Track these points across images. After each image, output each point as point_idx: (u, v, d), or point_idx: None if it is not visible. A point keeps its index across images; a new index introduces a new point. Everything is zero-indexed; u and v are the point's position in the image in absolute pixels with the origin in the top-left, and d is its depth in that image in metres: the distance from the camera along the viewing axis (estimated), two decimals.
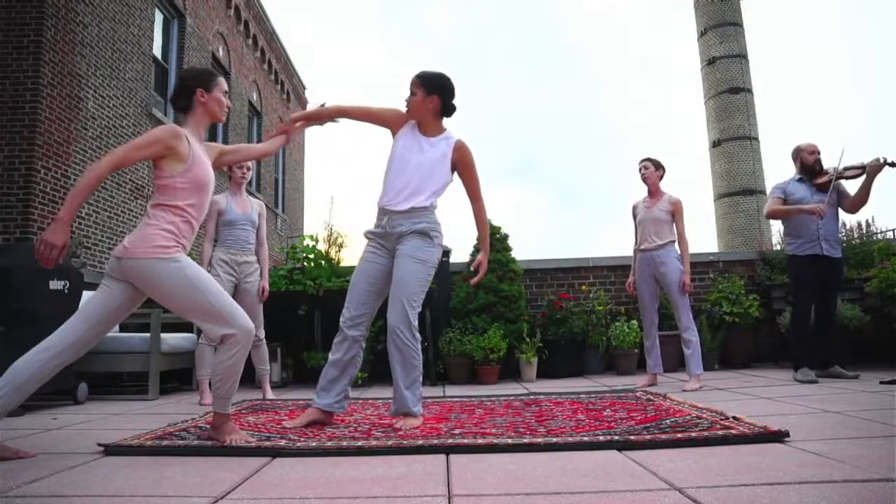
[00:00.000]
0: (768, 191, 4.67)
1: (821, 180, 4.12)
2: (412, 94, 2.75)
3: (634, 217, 4.37)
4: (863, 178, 3.97)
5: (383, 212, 2.75)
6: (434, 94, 2.73)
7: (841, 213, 4.28)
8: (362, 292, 2.73)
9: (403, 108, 2.81)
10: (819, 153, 4.23)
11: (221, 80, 2.47)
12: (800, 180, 4.23)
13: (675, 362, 4.85)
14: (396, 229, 2.68)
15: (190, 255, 2.46)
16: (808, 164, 4.21)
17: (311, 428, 2.62)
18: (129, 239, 2.26)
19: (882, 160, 3.87)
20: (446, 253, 5.50)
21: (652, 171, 4.22)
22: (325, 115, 2.89)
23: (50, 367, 2.21)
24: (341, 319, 2.74)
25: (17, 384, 2.12)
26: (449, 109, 2.80)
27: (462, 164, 2.79)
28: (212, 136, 11.63)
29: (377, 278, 2.73)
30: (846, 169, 4.05)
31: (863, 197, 4.02)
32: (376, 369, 5.06)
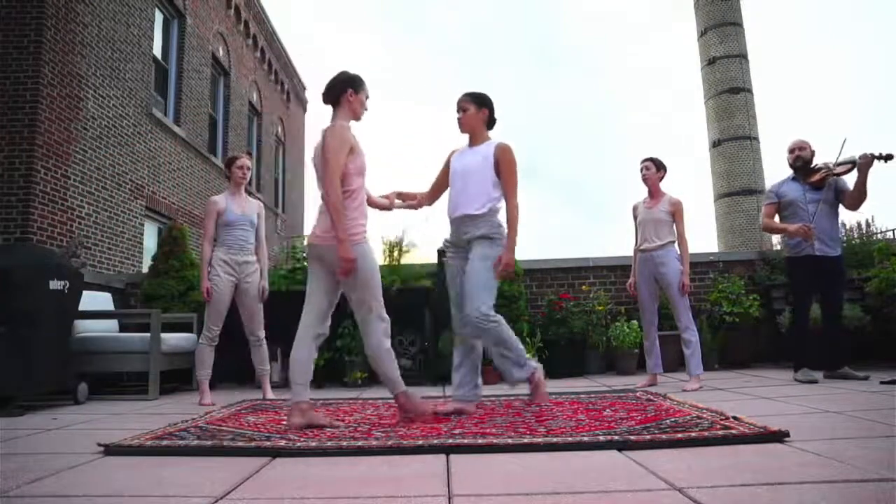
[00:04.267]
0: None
1: (813, 178, 4.09)
2: (464, 110, 3.08)
3: (635, 217, 4.37)
4: (856, 173, 3.94)
5: (451, 222, 3.09)
6: (483, 107, 3.08)
7: (843, 210, 4.24)
8: (457, 296, 3.08)
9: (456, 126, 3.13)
10: (798, 150, 4.16)
11: (367, 87, 2.87)
12: (793, 179, 4.21)
13: (675, 362, 4.84)
14: (465, 236, 3.00)
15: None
16: (789, 164, 4.22)
17: (311, 428, 2.62)
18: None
19: (871, 154, 3.81)
20: (446, 253, 5.49)
21: (653, 171, 4.21)
22: (418, 204, 3.32)
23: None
24: (453, 324, 3.13)
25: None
26: (493, 121, 3.15)
27: (501, 163, 2.98)
28: (212, 136, 11.63)
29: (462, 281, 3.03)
30: (837, 165, 3.99)
31: (860, 193, 3.95)
32: None
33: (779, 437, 2.11)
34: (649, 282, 4.18)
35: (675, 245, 4.16)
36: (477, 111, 3.07)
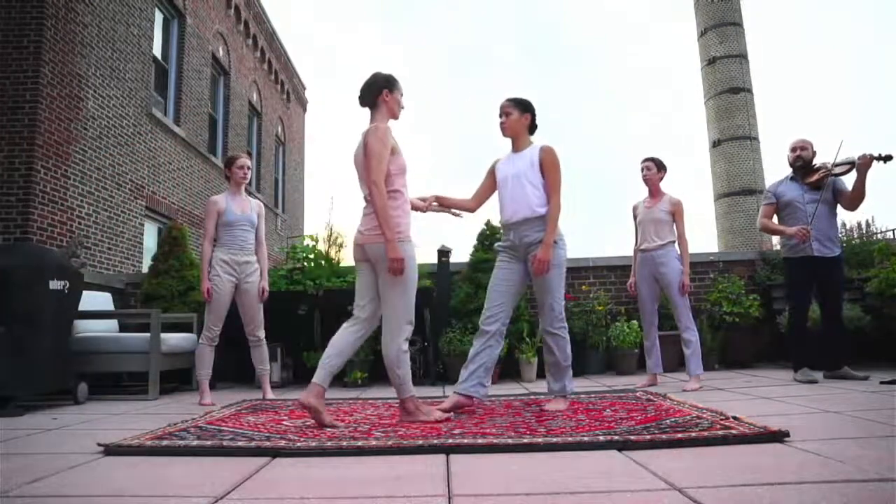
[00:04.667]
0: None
1: (811, 179, 4.08)
2: (507, 115, 3.15)
3: (635, 217, 4.37)
4: (855, 174, 3.93)
5: (506, 227, 3.18)
6: (526, 112, 3.16)
7: (843, 210, 4.24)
8: (494, 293, 3.15)
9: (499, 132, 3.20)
10: (800, 150, 4.15)
11: (401, 86, 2.93)
12: (792, 179, 4.21)
13: (675, 362, 4.84)
14: (524, 240, 3.07)
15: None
16: (789, 162, 4.21)
17: (310, 427, 2.62)
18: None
19: (870, 155, 3.81)
20: (446, 253, 5.49)
21: (654, 171, 4.21)
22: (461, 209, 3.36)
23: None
24: (480, 319, 3.17)
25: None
26: (535, 126, 3.22)
27: (545, 165, 3.07)
28: (212, 136, 11.63)
29: (512, 282, 3.14)
30: (836, 165, 3.98)
31: (858, 193, 3.95)
32: (376, 369, 5.06)
33: (779, 437, 2.11)
34: (649, 282, 4.18)
35: (676, 245, 4.16)
36: (520, 116, 3.14)
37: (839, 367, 4.03)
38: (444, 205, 3.30)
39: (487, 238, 5.39)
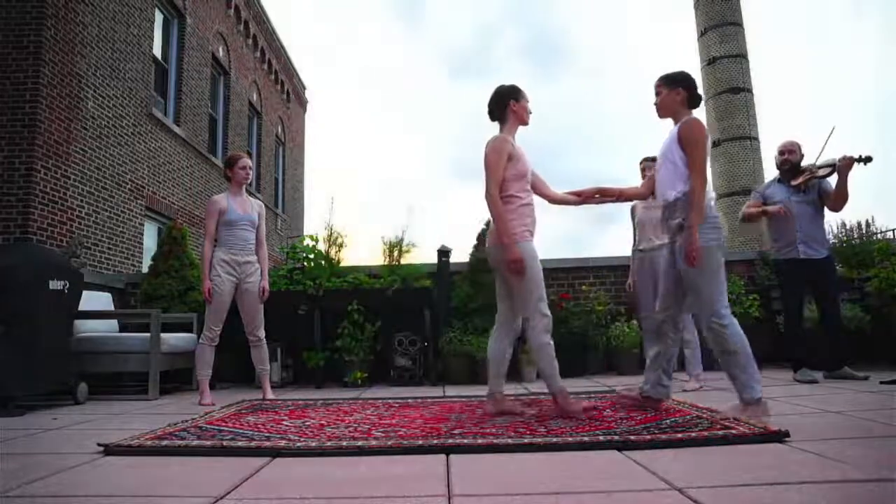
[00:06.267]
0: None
1: (797, 181, 4.09)
2: (657, 94, 2.90)
3: (633, 217, 4.37)
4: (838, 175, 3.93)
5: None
6: (677, 86, 2.84)
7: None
8: (666, 291, 2.95)
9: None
10: (787, 153, 4.16)
11: (526, 93, 3.02)
12: (779, 182, 4.21)
13: (675, 362, 4.84)
14: (674, 222, 2.81)
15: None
16: (776, 165, 4.22)
17: (310, 427, 2.62)
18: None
19: (850, 157, 3.78)
20: (446, 253, 5.49)
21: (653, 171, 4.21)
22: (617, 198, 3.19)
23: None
24: (644, 323, 3.04)
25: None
26: (695, 99, 2.86)
27: (681, 139, 2.74)
28: (212, 136, 11.63)
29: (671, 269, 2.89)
30: (819, 167, 3.98)
31: (840, 194, 3.94)
32: (376, 369, 5.06)
33: (779, 437, 2.11)
34: (649, 282, 4.18)
35: None
36: (669, 92, 2.85)
37: (839, 367, 4.04)
38: (607, 195, 3.16)
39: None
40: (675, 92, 2.84)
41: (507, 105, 2.97)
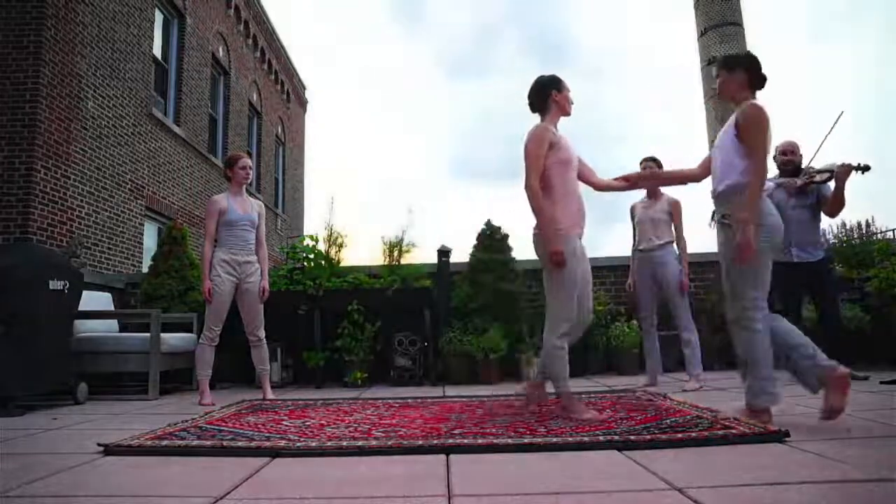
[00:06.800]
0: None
1: (800, 183, 4.07)
2: (717, 78, 2.73)
3: (633, 217, 4.37)
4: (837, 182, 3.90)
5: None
6: (736, 69, 2.65)
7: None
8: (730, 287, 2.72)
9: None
10: (790, 153, 4.13)
11: (566, 83, 2.94)
12: (778, 185, 4.17)
13: (675, 362, 4.84)
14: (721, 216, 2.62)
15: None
16: (777, 164, 4.19)
17: (310, 427, 2.62)
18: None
19: (849, 165, 3.74)
20: (446, 253, 5.49)
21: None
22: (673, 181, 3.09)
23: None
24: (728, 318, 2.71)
25: None
26: (760, 80, 2.65)
27: (739, 125, 2.53)
28: (212, 136, 11.63)
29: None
30: (817, 172, 3.96)
31: (838, 201, 3.92)
32: (376, 369, 5.06)
33: (779, 437, 2.11)
34: (648, 282, 4.18)
35: (674, 245, 4.16)
36: (729, 75, 2.66)
37: None
38: (657, 179, 3.07)
39: (487, 238, 5.39)
40: (735, 75, 2.63)
41: (548, 95, 2.91)
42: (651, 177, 3.05)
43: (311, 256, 5.44)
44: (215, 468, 1.96)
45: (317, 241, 5.54)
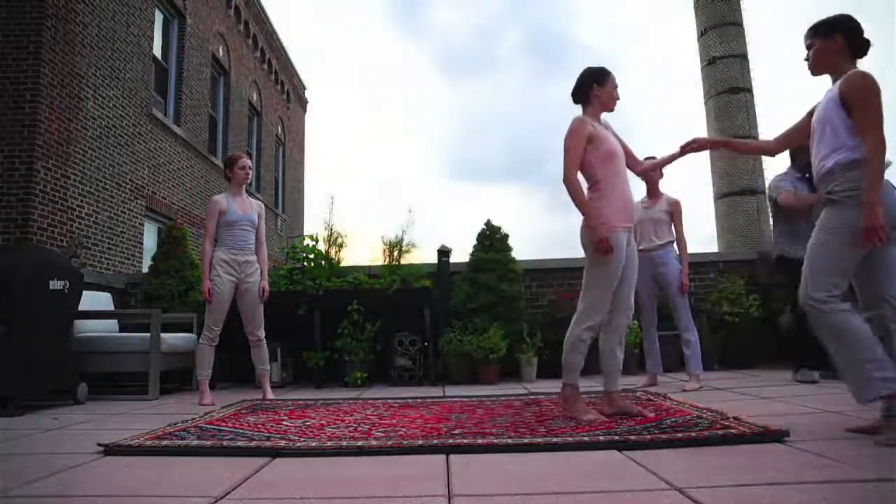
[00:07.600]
0: (767, 191, 4.60)
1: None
2: (809, 47, 2.41)
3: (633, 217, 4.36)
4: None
5: None
6: (833, 34, 2.33)
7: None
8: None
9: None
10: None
11: (612, 77, 2.90)
12: (800, 179, 4.15)
13: (675, 362, 4.84)
14: (825, 196, 2.34)
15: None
16: (794, 160, 4.14)
17: (310, 427, 2.62)
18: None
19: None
20: (446, 253, 5.49)
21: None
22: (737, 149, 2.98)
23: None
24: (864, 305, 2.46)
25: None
26: (861, 46, 2.33)
27: (846, 96, 2.23)
28: (212, 136, 11.63)
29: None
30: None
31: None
32: (376, 369, 5.06)
33: (779, 437, 2.11)
34: (649, 282, 4.18)
35: (675, 245, 4.16)
36: (823, 43, 2.34)
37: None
38: (728, 145, 2.88)
39: (487, 238, 5.39)
40: (831, 41, 2.32)
41: (589, 88, 2.86)
42: (723, 143, 2.85)
43: (311, 256, 5.44)
44: (215, 468, 1.96)
45: (317, 241, 5.54)
